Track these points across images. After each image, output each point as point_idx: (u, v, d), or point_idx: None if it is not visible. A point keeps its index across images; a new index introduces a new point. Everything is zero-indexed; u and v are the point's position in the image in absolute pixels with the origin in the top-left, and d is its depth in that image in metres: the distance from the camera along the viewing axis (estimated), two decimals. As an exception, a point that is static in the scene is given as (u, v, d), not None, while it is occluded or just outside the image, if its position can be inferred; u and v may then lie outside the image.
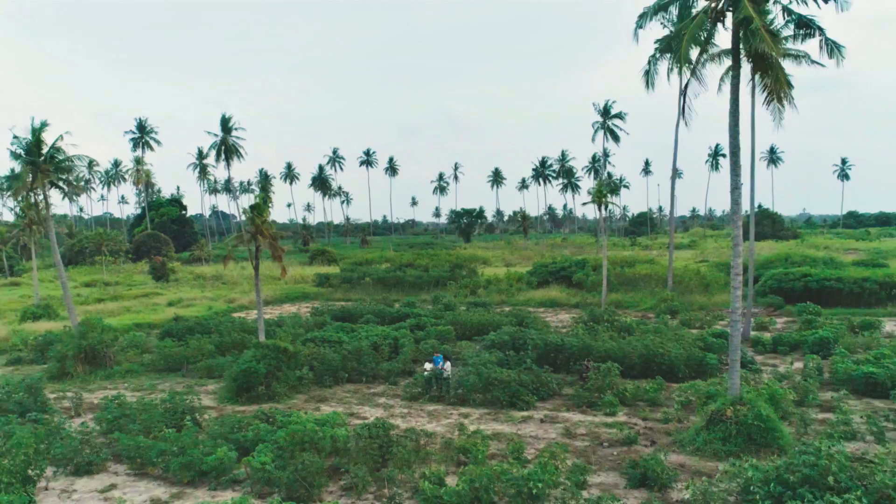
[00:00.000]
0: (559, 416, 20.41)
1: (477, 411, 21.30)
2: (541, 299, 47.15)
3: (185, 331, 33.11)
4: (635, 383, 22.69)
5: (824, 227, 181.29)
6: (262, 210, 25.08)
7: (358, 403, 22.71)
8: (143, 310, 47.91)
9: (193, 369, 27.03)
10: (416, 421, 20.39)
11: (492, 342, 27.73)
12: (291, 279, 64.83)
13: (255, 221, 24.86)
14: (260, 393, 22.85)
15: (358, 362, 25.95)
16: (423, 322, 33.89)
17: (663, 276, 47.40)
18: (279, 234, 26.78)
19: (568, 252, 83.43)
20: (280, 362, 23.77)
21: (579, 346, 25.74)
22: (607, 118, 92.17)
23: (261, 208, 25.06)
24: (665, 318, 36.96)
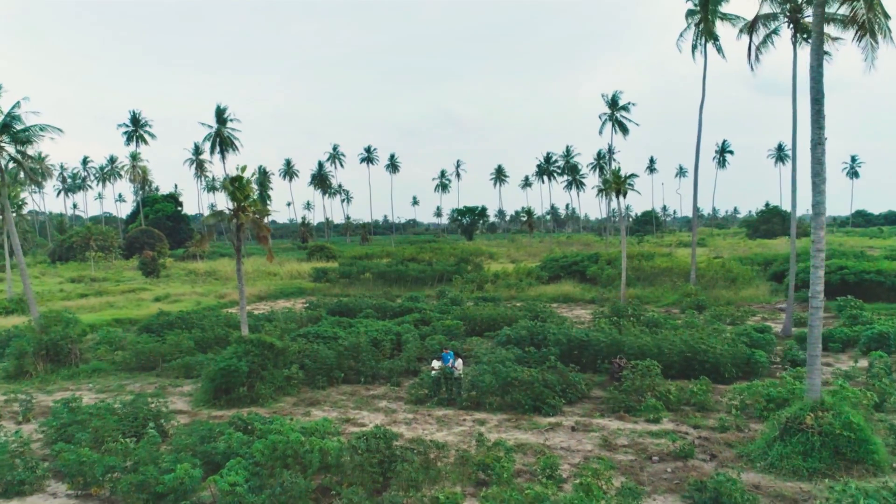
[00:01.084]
0: (592, 423, 17.22)
1: (494, 417, 18.13)
2: (553, 294, 43.96)
3: (165, 326, 29.95)
4: (677, 384, 19.51)
5: (833, 225, 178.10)
6: (243, 183, 21.93)
7: (355, 407, 19.54)
8: (126, 305, 44.83)
9: (169, 368, 23.87)
10: (424, 429, 17.24)
11: (507, 337, 24.54)
12: (287, 275, 61.73)
13: (236, 196, 21.72)
14: (241, 395, 19.69)
15: (355, 360, 22.81)
16: (429, 317, 30.71)
17: (685, 270, 44.20)
18: (265, 212, 23.61)
19: (576, 249, 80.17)
20: (265, 360, 20.61)
21: (608, 342, 22.57)
22: (615, 110, 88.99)
23: (242, 181, 21.89)
24: (692, 314, 33.74)
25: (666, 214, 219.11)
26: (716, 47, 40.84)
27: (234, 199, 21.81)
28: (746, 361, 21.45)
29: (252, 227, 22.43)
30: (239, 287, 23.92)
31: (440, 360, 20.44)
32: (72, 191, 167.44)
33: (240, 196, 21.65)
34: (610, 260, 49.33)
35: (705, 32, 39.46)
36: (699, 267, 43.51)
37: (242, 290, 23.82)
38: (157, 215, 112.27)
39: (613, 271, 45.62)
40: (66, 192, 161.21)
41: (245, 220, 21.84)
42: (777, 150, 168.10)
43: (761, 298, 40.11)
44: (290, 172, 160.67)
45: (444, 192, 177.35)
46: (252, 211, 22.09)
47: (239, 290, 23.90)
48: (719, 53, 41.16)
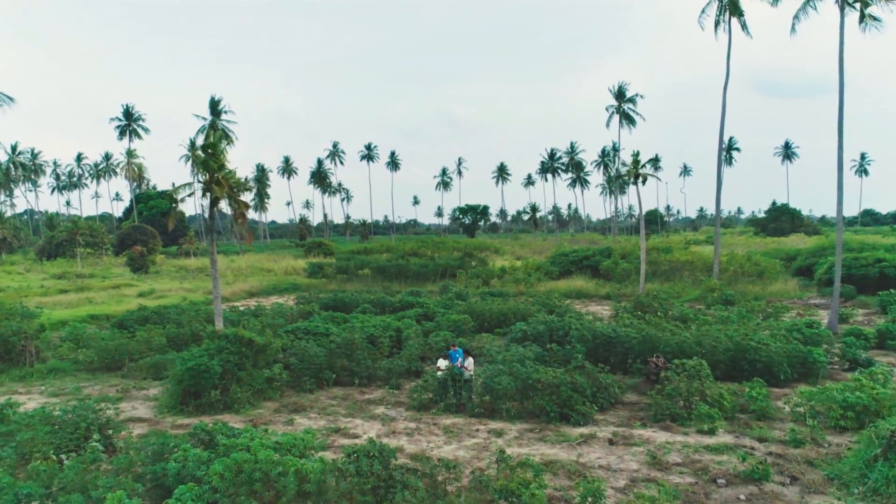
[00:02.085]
0: (633, 435, 14.20)
1: (513, 426, 15.12)
2: (565, 290, 40.92)
3: (140, 321, 26.95)
4: (729, 388, 16.50)
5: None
6: (217, 151, 18.93)
7: (347, 414, 16.54)
8: (107, 301, 41.80)
9: (136, 368, 20.88)
10: (429, 441, 14.23)
11: (522, 333, 21.52)
12: (282, 270, 58.78)
13: (208, 166, 18.71)
14: (213, 400, 16.68)
15: (349, 359, 19.82)
16: (432, 311, 27.71)
17: (706, 264, 41.17)
18: (244, 187, 20.55)
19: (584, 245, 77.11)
20: (243, 358, 17.61)
21: (640, 339, 19.56)
22: (622, 101, 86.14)
23: (216, 148, 18.88)
24: (720, 309, 30.70)
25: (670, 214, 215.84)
26: (740, 23, 37.86)
27: (206, 168, 18.82)
28: (802, 361, 18.44)
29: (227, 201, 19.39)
30: (212, 274, 20.94)
31: (447, 359, 17.43)
32: (67, 189, 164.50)
33: (213, 165, 18.66)
34: (624, 254, 46.30)
35: (730, 6, 36.46)
36: (722, 261, 40.46)
37: (216, 278, 20.82)
38: (151, 212, 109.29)
39: (629, 265, 42.59)
40: (59, 190, 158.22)
41: (219, 194, 18.86)
42: (784, 149, 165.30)
43: (792, 293, 37.09)
44: (289, 170, 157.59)
45: (445, 189, 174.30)
46: (228, 183, 19.12)
47: (212, 277, 20.92)
48: (744, 30, 38.20)
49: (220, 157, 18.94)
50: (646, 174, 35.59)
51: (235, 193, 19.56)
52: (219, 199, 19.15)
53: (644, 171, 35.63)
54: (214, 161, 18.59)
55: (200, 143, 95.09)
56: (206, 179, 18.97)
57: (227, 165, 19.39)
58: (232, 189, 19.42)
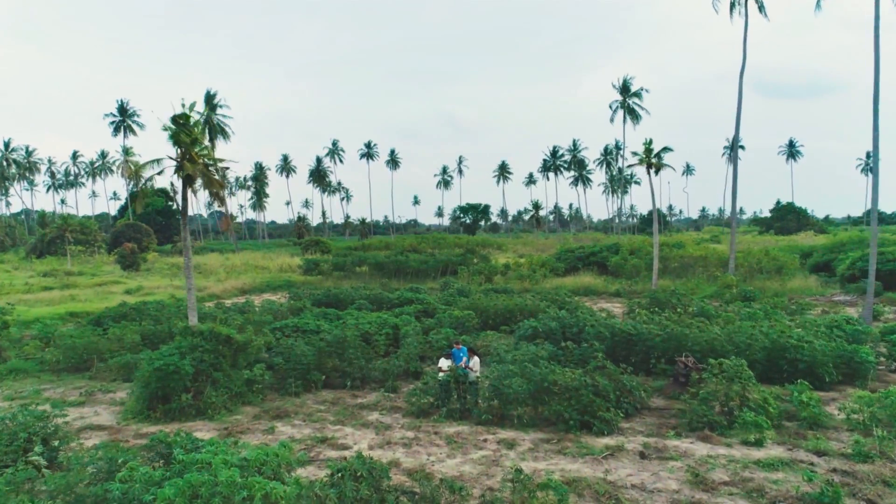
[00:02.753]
0: (668, 447, 12.19)
1: (526, 436, 13.11)
2: (571, 286, 38.90)
3: (118, 318, 24.97)
4: (772, 391, 14.49)
5: (847, 223, 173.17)
6: (190, 124, 16.89)
7: (336, 421, 14.53)
8: (91, 298, 39.79)
9: (105, 368, 18.88)
10: (429, 453, 12.23)
11: (532, 331, 19.51)
12: (277, 268, 56.79)
13: (180, 140, 16.67)
14: (184, 404, 14.67)
15: (340, 358, 17.82)
16: (432, 307, 25.72)
17: (721, 260, 39.14)
18: (218, 161, 18.46)
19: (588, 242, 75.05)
20: (219, 358, 15.61)
21: (664, 336, 17.56)
22: (627, 96, 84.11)
23: (188, 120, 16.84)
24: (740, 306, 28.67)
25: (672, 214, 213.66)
26: (758, 5, 35.86)
27: (177, 143, 16.78)
28: (848, 361, 16.44)
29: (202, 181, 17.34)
30: (185, 263, 18.92)
31: (449, 359, 15.44)
32: (63, 187, 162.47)
33: (184, 139, 16.63)
34: (633, 250, 44.29)
35: (748, -13, 34.47)
36: (737, 256, 38.41)
37: (189, 267, 18.82)
38: (146, 210, 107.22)
39: (639, 261, 40.59)
40: (55, 188, 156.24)
41: (191, 171, 16.81)
42: (788, 147, 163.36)
43: (813, 290, 35.06)
44: (288, 168, 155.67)
45: (445, 188, 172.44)
46: (202, 160, 17.09)
47: (185, 266, 18.90)
48: (761, 12, 36.21)
49: (194, 131, 16.92)
50: (659, 163, 33.57)
51: (211, 172, 17.53)
52: (193, 179, 17.14)
53: (657, 161, 33.61)
54: (186, 134, 16.58)
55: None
56: (179, 155, 16.93)
57: (202, 140, 17.37)
58: (207, 167, 17.41)
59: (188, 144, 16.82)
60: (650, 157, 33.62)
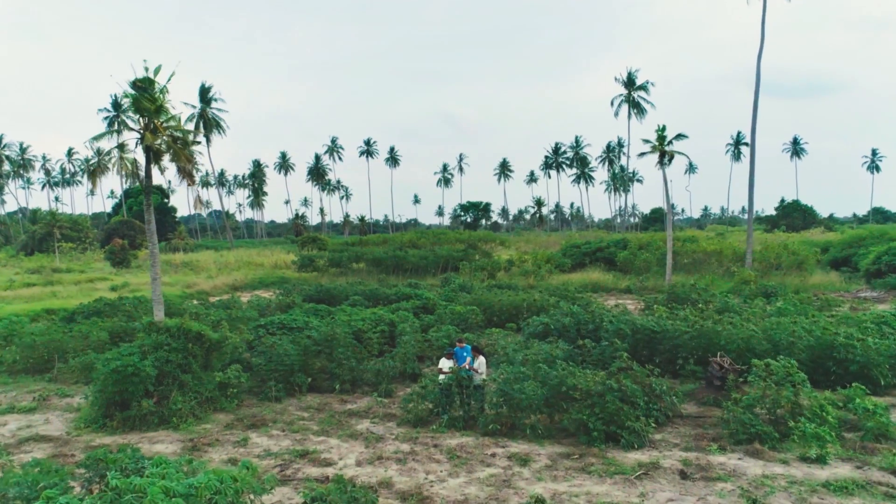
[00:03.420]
0: (712, 464, 10.22)
1: (542, 450, 11.15)
2: (579, 283, 36.92)
3: (92, 313, 23.05)
4: (825, 396, 12.53)
5: (853, 222, 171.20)
6: (155, 91, 14.90)
7: (320, 432, 12.56)
8: (74, 295, 37.85)
9: (66, 369, 16.92)
10: (427, 471, 10.28)
11: (543, 327, 17.54)
12: (271, 264, 54.84)
13: (142, 107, 14.68)
14: (145, 411, 12.71)
15: (329, 359, 15.87)
16: (432, 303, 23.77)
17: (737, 254, 37.17)
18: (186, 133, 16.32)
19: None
20: (189, 358, 13.65)
21: (693, 334, 15.60)
22: (631, 89, 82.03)
23: (153, 85, 14.86)
24: (762, 302, 26.70)
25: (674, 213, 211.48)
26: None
27: (139, 111, 14.78)
28: (902, 361, 14.47)
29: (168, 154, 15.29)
30: (150, 250, 16.91)
31: (451, 359, 13.48)
32: (59, 185, 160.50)
33: (147, 106, 14.64)
34: (642, 245, 42.34)
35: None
36: (755, 251, 36.44)
37: (155, 254, 16.82)
38: (141, 207, 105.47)
39: (649, 255, 38.63)
40: (51, 186, 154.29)
41: (150, 142, 14.77)
42: (793, 145, 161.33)
43: (837, 286, 33.09)
44: (286, 166, 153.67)
45: (446, 186, 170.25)
46: (168, 132, 15.08)
47: (150, 254, 16.90)
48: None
49: (159, 98, 14.94)
50: (673, 151, 31.60)
51: (179, 146, 15.49)
52: (160, 154, 15.17)
53: (671, 149, 31.64)
54: (149, 101, 14.59)
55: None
56: (142, 126, 14.94)
57: (169, 109, 15.40)
58: (175, 141, 15.40)
59: (152, 113, 14.85)
60: (663, 145, 31.65)
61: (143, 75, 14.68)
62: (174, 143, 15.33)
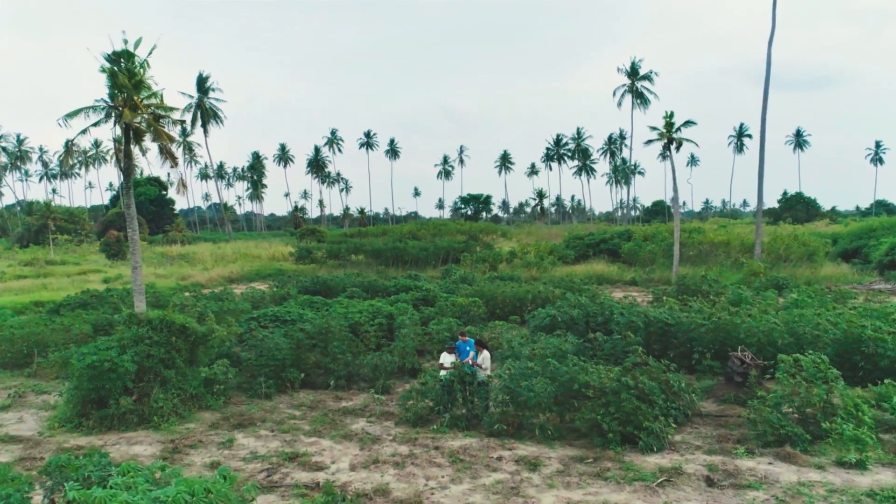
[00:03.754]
0: (740, 469, 9.32)
1: (552, 453, 10.25)
2: (583, 275, 35.97)
3: (78, 305, 22.16)
4: (858, 394, 11.60)
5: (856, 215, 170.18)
6: (134, 63, 13.90)
7: (311, 432, 11.65)
8: (65, 287, 36.93)
9: (46, 364, 16.03)
10: (428, 476, 9.38)
11: (550, 319, 16.62)
12: (269, 257, 53.94)
13: (118, 80, 13.66)
14: (124, 409, 11.81)
15: (323, 353, 14.97)
16: (432, 295, 22.85)
17: (745, 245, 36.22)
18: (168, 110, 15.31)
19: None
20: (172, 352, 12.74)
21: (711, 327, 14.68)
22: (635, 79, 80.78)
23: (132, 58, 13.85)
24: (773, 295, 25.76)
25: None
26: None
27: (115, 85, 13.76)
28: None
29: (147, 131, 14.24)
30: (130, 236, 15.93)
31: (453, 354, 12.57)
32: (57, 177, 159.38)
33: (124, 80, 13.63)
34: (647, 236, 41.39)
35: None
36: (763, 241, 35.46)
37: (135, 241, 15.86)
38: (138, 199, 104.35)
39: (655, 247, 37.69)
40: (48, 178, 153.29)
41: (129, 119, 13.76)
42: (795, 137, 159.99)
43: (849, 277, 32.16)
44: (285, 158, 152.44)
45: (446, 179, 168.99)
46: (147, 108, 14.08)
47: (130, 240, 15.94)
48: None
49: (138, 72, 13.93)
50: (681, 138, 30.59)
51: (159, 123, 14.48)
52: (139, 133, 14.14)
53: (679, 136, 30.63)
54: (128, 75, 13.57)
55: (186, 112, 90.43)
56: (120, 101, 13.92)
57: (150, 85, 14.39)
58: (157, 119, 14.39)
59: (130, 88, 13.85)
60: (671, 132, 30.64)
61: (123, 48, 13.70)
62: (155, 122, 14.33)
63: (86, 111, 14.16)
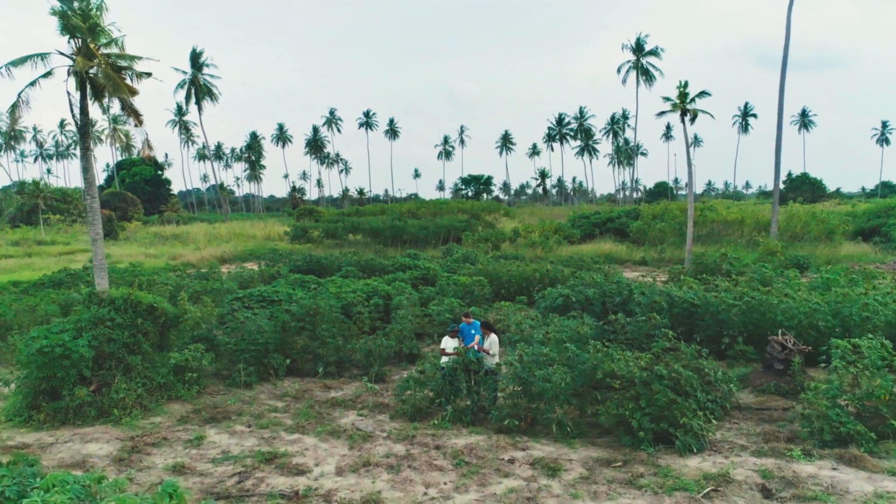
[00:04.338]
0: (799, 475, 7.82)
1: (574, 454, 8.77)
2: (590, 254, 34.41)
3: (54, 285, 20.66)
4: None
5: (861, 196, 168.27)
6: (88, 4, 12.20)
7: (294, 428, 10.17)
8: (52, 267, 35.44)
9: (6, 348, 14.52)
10: (427, 483, 7.90)
11: (563, 300, 15.09)
12: (264, 236, 52.41)
13: (71, 24, 11.95)
14: (79, 401, 10.31)
15: (312, 336, 13.46)
16: (433, 274, 21.32)
17: (761, 223, 34.60)
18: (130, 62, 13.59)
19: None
20: (138, 335, 11.22)
21: (743, 308, 13.15)
22: (641, 55, 78.53)
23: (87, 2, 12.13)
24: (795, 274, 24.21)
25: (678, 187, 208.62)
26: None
27: (68, 30, 12.06)
28: None
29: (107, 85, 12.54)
30: (88, 205, 14.33)
31: (456, 338, 11.07)
32: (53, 158, 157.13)
33: (77, 23, 11.90)
34: (656, 215, 39.76)
35: None
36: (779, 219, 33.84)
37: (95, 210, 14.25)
38: (133, 179, 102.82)
39: (664, 225, 36.08)
40: (43, 158, 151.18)
41: (82, 67, 12.07)
42: (801, 117, 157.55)
43: (872, 256, 30.62)
44: (283, 138, 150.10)
45: (447, 159, 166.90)
46: (104, 57, 12.40)
47: (89, 211, 14.33)
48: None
49: (94, 15, 12.24)
50: (696, 110, 28.85)
51: (118, 73, 12.77)
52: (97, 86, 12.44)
53: (693, 107, 28.87)
54: (80, 18, 11.86)
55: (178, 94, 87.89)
56: (77, 49, 12.22)
57: (109, 32, 12.68)
58: (119, 70, 12.66)
59: (84, 32, 12.14)
60: (685, 102, 28.88)
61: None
62: (114, 72, 12.64)
63: (33, 59, 12.48)
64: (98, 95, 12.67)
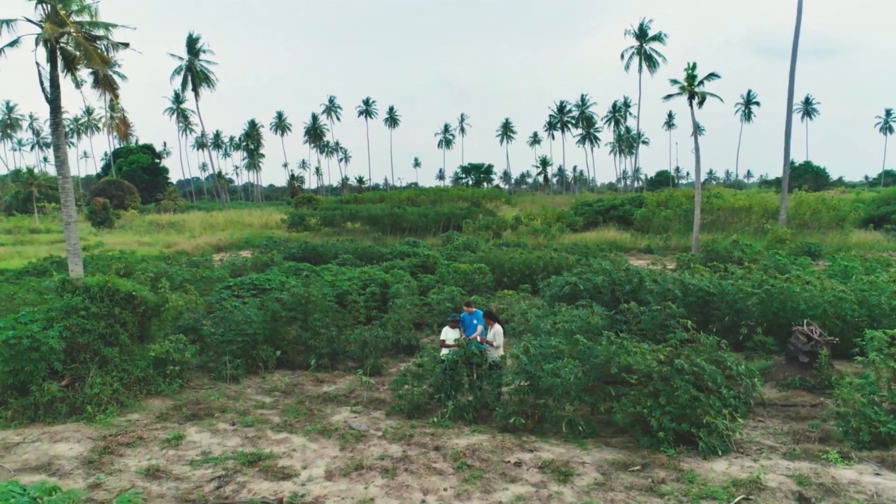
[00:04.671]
0: (838, 481, 7.04)
1: (587, 456, 7.99)
2: (594, 242, 33.60)
3: (38, 272, 19.86)
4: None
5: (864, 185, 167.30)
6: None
7: (281, 426, 9.39)
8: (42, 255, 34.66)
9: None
10: (426, 489, 7.13)
11: (570, 288, 14.28)
12: (261, 224, 51.59)
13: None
14: (49, 396, 9.53)
15: (304, 326, 12.68)
16: (432, 262, 20.52)
17: (769, 210, 33.74)
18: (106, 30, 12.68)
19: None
20: (115, 326, 10.44)
21: (762, 297, 12.35)
22: (644, 41, 77.25)
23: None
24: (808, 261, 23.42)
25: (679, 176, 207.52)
26: None
27: None
28: None
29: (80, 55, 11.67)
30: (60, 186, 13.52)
31: (457, 328, 10.27)
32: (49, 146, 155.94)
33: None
34: (660, 202, 38.88)
35: None
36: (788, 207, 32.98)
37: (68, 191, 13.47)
38: (131, 167, 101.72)
39: (670, 212, 35.22)
40: (39, 146, 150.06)
41: (50, 34, 11.19)
42: (804, 105, 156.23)
43: (884, 244, 29.81)
44: (282, 126, 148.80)
45: (447, 148, 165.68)
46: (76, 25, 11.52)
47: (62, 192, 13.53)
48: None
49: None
50: (704, 93, 27.91)
51: (91, 42, 11.87)
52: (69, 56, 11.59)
53: (702, 90, 27.93)
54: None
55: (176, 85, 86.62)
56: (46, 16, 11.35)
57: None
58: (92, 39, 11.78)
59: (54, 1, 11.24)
60: (693, 85, 27.94)
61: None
62: (87, 41, 11.73)
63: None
64: (70, 67, 11.80)
